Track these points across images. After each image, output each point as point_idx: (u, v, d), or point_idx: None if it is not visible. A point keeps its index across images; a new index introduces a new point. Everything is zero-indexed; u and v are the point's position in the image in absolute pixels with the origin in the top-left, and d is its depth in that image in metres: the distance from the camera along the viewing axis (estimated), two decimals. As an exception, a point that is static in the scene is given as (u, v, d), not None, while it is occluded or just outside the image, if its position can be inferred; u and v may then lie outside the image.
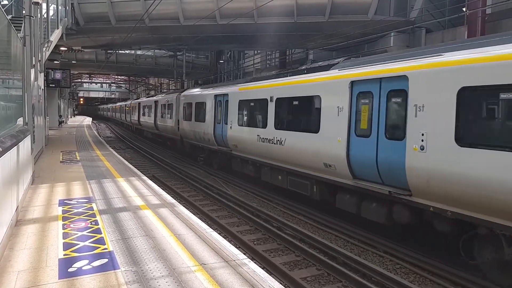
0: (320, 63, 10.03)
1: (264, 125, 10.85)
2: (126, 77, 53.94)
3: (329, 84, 8.45)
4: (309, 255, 6.73)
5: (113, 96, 78.34)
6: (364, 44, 16.82)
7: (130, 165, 12.08)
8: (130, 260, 4.38)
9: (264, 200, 10.97)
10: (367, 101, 7.45)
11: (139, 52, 30.87)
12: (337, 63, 8.81)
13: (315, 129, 8.75)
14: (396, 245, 7.18)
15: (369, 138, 7.29)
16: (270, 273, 5.88)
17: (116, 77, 56.62)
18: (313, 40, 17.89)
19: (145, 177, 9.88)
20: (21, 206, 6.55)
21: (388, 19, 14.27)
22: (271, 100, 10.58)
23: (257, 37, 18.42)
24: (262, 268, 5.71)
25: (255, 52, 27.94)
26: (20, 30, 10.01)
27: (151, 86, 55.29)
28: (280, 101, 10.31)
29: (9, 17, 10.42)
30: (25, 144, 7.37)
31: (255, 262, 5.37)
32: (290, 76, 10.28)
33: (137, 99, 37.05)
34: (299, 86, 9.58)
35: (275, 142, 10.31)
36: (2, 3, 14.05)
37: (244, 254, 5.44)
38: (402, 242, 7.29)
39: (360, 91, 7.60)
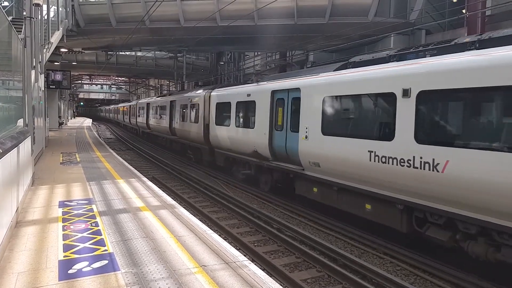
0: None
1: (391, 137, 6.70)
2: (126, 79, 53.99)
3: None
4: (310, 257, 6.72)
5: (113, 97, 78.43)
6: (364, 46, 16.86)
7: (130, 167, 12.07)
8: (130, 262, 4.37)
9: (264, 202, 10.96)
10: None
11: (139, 53, 30.89)
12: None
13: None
14: (396, 247, 7.18)
15: None
16: (271, 275, 5.88)
17: (116, 78, 56.71)
18: (313, 42, 17.91)
19: (145, 179, 9.87)
20: (21, 207, 6.54)
21: (388, 20, 14.29)
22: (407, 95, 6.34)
23: (258, 38, 18.43)
24: (263, 270, 5.71)
25: (255, 53, 27.96)
26: (21, 31, 10.01)
27: (151, 88, 55.35)
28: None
29: (10, 18, 10.42)
30: (25, 145, 7.36)
31: (255, 264, 5.36)
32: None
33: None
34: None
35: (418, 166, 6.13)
36: (3, 4, 14.07)
37: (245, 255, 5.42)
38: (403, 244, 7.28)
39: None
